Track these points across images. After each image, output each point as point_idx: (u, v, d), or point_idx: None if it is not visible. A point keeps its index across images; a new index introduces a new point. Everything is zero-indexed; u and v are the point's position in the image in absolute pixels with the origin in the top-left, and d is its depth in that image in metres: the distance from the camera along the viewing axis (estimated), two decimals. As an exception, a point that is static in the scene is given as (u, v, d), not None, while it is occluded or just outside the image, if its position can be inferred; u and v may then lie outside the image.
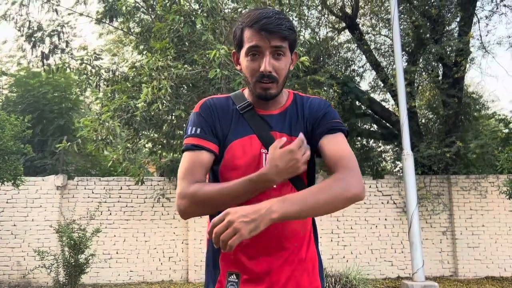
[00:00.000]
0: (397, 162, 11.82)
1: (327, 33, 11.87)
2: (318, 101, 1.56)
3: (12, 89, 12.75)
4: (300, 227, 1.48)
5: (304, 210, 1.24)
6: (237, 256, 1.43)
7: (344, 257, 8.92)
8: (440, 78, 10.13)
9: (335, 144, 1.43)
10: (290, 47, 1.46)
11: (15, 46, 11.00)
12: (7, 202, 8.61)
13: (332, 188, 1.30)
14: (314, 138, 1.47)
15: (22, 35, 8.93)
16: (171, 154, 8.92)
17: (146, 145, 9.23)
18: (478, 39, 10.80)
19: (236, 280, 1.42)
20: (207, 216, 1.55)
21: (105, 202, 8.78)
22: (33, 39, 8.70)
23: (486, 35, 19.69)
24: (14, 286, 8.33)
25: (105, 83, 7.57)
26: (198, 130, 1.47)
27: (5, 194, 8.59)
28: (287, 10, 7.92)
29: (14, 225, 8.55)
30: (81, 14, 9.27)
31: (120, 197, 8.92)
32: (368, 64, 11.44)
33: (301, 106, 1.54)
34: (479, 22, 10.64)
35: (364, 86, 18.67)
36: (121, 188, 8.96)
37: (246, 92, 1.56)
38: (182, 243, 8.83)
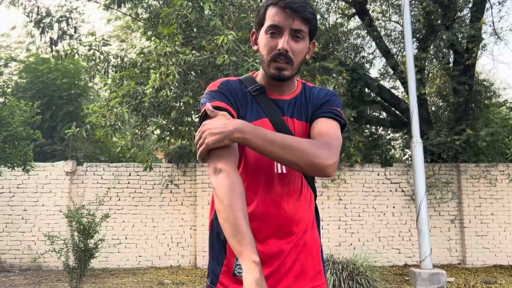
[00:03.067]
0: (406, 150, 11.75)
1: (336, 19, 11.76)
2: (325, 90, 1.59)
3: (22, 75, 12.81)
4: (306, 211, 1.50)
5: (267, 147, 1.29)
6: None
7: (351, 244, 8.93)
8: (450, 65, 10.01)
9: (326, 126, 1.44)
10: (310, 34, 1.46)
11: (24, 32, 11.03)
12: (17, 187, 8.71)
13: (306, 145, 1.31)
14: (312, 118, 1.50)
15: (31, 21, 8.93)
16: (179, 140, 8.94)
17: (155, 132, 9.26)
18: (490, 25, 10.66)
19: None
20: (210, 204, 1.56)
21: (114, 188, 8.85)
22: (41, 25, 8.70)
23: (499, 21, 19.40)
24: (25, 269, 8.46)
25: (114, 69, 7.57)
26: (220, 98, 1.45)
27: (16, 179, 8.69)
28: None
29: (25, 210, 8.66)
30: (89, 0, 9.25)
31: (128, 183, 8.99)
32: (378, 51, 11.32)
33: (310, 94, 1.56)
34: (491, 8, 10.46)
35: (373, 73, 18.51)
36: (129, 174, 9.02)
37: (257, 76, 1.56)
38: (190, 229, 8.90)
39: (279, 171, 1.44)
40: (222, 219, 1.26)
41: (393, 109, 10.88)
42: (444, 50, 10.24)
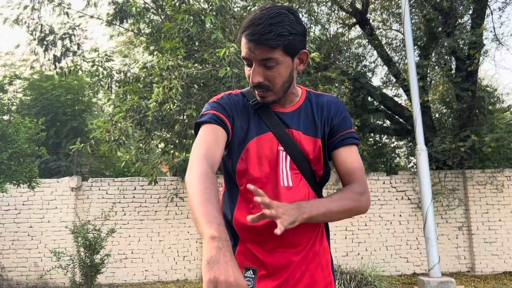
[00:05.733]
0: (411, 158, 11.71)
1: (337, 29, 11.81)
2: (335, 101, 1.56)
3: (26, 93, 12.92)
4: (314, 223, 1.48)
5: (327, 214, 1.36)
6: (253, 251, 1.43)
7: (359, 254, 8.86)
8: (453, 71, 10.00)
9: (351, 156, 1.49)
10: (287, 52, 1.37)
11: (28, 50, 11.15)
12: (23, 204, 8.72)
13: (352, 200, 1.42)
14: (331, 142, 1.50)
15: (34, 39, 9.05)
16: (184, 153, 8.95)
17: (159, 145, 9.27)
18: (491, 31, 10.65)
19: (253, 276, 1.42)
20: None
21: (119, 202, 8.84)
22: (45, 42, 8.81)
23: (500, 27, 19.42)
24: (32, 286, 8.44)
25: (117, 84, 7.63)
26: (217, 108, 1.46)
27: (21, 196, 8.71)
28: (296, 7, 7.88)
29: (31, 227, 8.66)
30: (91, 17, 9.35)
31: (134, 197, 8.98)
32: (379, 60, 11.35)
33: (316, 104, 1.53)
34: (492, 14, 10.46)
35: (376, 81, 18.54)
36: (134, 189, 9.02)
37: None
38: (197, 242, 8.86)
39: (285, 184, 1.44)
40: (191, 210, 1.19)
41: (397, 117, 10.87)
42: (446, 57, 10.24)
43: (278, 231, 1.19)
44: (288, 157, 1.45)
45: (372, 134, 11.42)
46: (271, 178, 1.43)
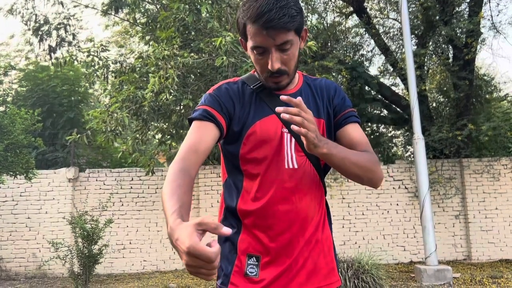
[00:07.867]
0: (408, 147, 11.72)
1: (334, 18, 11.75)
2: (331, 83, 1.59)
3: (22, 84, 12.84)
4: (317, 208, 1.49)
5: (344, 160, 1.35)
6: (259, 237, 1.43)
7: (356, 243, 8.91)
8: (450, 60, 9.97)
9: (358, 132, 1.52)
10: (297, 32, 1.40)
11: (23, 40, 11.06)
12: (20, 196, 8.72)
13: (371, 162, 1.42)
14: (335, 122, 1.53)
15: (29, 29, 8.98)
16: (181, 144, 8.94)
17: (156, 136, 9.26)
18: (489, 19, 10.61)
19: (256, 263, 1.42)
20: (219, 206, 1.57)
21: (117, 193, 8.85)
22: (40, 32, 8.74)
23: (497, 15, 19.39)
24: (31, 277, 8.46)
25: (113, 74, 7.59)
26: (210, 103, 1.45)
27: (18, 187, 8.70)
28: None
29: (29, 218, 8.67)
30: (86, 6, 9.29)
31: (131, 188, 8.99)
32: (376, 49, 11.31)
33: (315, 86, 1.56)
34: (489, 2, 10.42)
35: (373, 70, 18.53)
36: (132, 179, 9.02)
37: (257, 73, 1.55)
38: (194, 232, 8.87)
39: (290, 167, 1.43)
40: None
41: (394, 106, 10.86)
42: (443, 45, 10.21)
43: (302, 130, 1.22)
44: (293, 139, 1.45)
45: (369, 124, 11.42)
46: (275, 160, 1.42)
